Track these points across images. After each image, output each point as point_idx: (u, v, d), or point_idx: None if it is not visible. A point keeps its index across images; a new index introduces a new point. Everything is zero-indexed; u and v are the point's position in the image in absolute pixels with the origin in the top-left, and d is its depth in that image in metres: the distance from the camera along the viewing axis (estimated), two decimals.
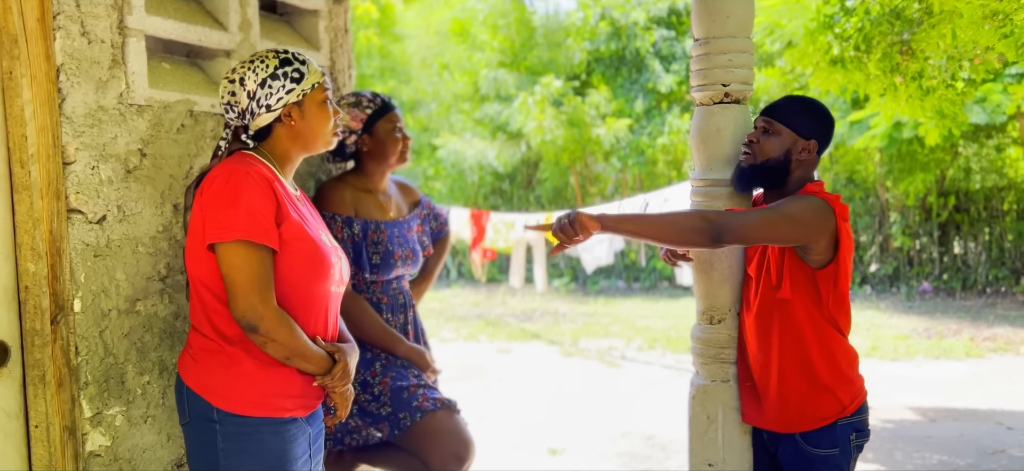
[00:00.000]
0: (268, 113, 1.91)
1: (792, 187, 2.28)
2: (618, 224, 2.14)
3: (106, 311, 2.03)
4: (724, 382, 2.45)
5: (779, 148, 2.25)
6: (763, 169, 2.27)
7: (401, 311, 2.84)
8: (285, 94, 1.91)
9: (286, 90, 1.91)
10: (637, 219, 2.17)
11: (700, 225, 2.10)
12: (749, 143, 2.29)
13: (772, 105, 2.31)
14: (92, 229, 2.00)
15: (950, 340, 8.27)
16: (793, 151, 2.25)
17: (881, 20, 4.73)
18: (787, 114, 2.26)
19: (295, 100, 1.93)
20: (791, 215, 2.13)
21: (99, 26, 2.01)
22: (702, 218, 2.12)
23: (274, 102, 1.91)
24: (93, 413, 2.00)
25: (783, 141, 2.25)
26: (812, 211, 2.14)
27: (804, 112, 2.27)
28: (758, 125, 2.31)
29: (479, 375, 7.35)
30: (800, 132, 2.25)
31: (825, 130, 2.29)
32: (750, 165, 2.29)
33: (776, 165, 2.25)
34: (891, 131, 9.18)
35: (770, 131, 2.26)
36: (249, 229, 1.79)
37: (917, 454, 4.80)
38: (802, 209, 2.14)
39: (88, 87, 1.98)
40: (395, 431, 2.68)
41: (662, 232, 2.16)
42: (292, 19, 2.86)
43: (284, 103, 1.91)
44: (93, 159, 2.00)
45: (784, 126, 2.25)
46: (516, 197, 14.74)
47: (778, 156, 2.25)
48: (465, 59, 14.68)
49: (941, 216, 11.51)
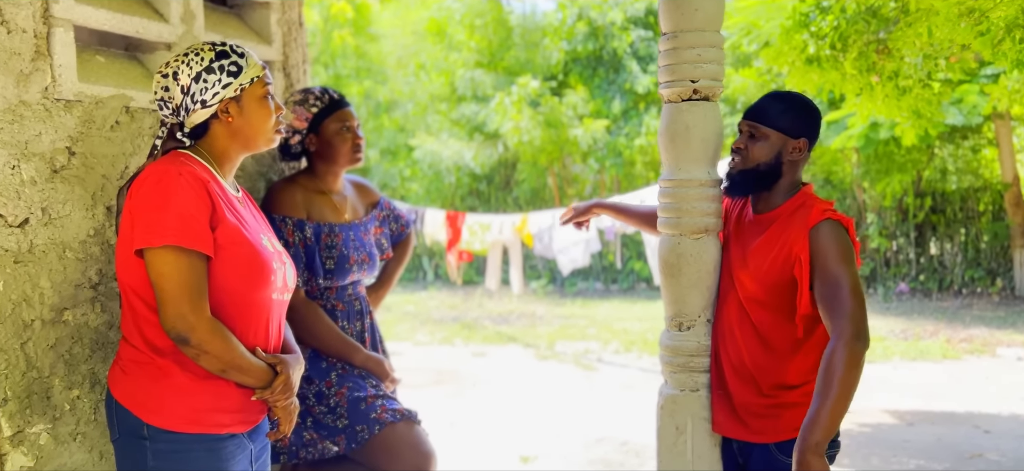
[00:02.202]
0: (204, 109, 1.78)
1: (783, 189, 2.18)
2: (826, 431, 1.92)
3: (28, 321, 1.89)
4: (693, 392, 2.34)
5: (769, 152, 2.14)
6: (755, 174, 2.16)
7: (357, 318, 2.71)
8: (221, 89, 1.78)
9: (222, 85, 1.78)
10: (823, 411, 1.93)
11: (858, 355, 1.93)
12: (736, 149, 2.19)
13: (755, 107, 2.20)
14: (12, 233, 1.85)
15: (927, 341, 8.25)
16: (784, 153, 2.15)
17: (857, 18, 4.66)
18: (772, 115, 2.15)
19: (232, 95, 1.80)
20: (850, 259, 2.03)
21: (20, 15, 1.86)
22: (852, 348, 1.93)
23: (210, 97, 1.77)
24: (13, 432, 1.86)
25: (772, 144, 2.14)
26: (849, 248, 2.06)
27: (789, 110, 2.16)
28: (743, 130, 2.20)
29: (453, 380, 7.22)
30: (788, 132, 2.14)
31: (813, 125, 2.18)
32: (740, 171, 2.18)
33: (767, 169, 2.15)
34: (868, 131, 9.16)
35: (756, 136, 2.16)
36: (179, 234, 1.66)
37: (894, 458, 4.73)
38: (848, 251, 2.05)
39: (7, 80, 1.84)
40: (352, 444, 2.55)
41: (849, 391, 1.94)
42: (242, 12, 2.72)
43: (220, 98, 1.78)
44: (13, 158, 1.85)
45: (771, 128, 2.14)
46: (494, 198, 14.63)
47: (768, 160, 2.15)
48: (442, 59, 14.55)
49: (918, 217, 11.53)
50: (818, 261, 2.03)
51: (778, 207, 2.18)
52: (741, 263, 2.20)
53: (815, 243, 2.04)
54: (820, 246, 2.04)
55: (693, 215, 2.30)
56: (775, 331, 2.13)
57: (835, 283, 1.99)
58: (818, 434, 1.91)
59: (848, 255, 2.03)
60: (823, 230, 2.05)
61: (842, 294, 1.98)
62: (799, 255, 2.05)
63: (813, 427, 1.92)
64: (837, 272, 2.00)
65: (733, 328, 2.21)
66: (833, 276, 2.00)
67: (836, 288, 1.99)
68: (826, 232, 2.04)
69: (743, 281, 2.18)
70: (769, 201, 2.20)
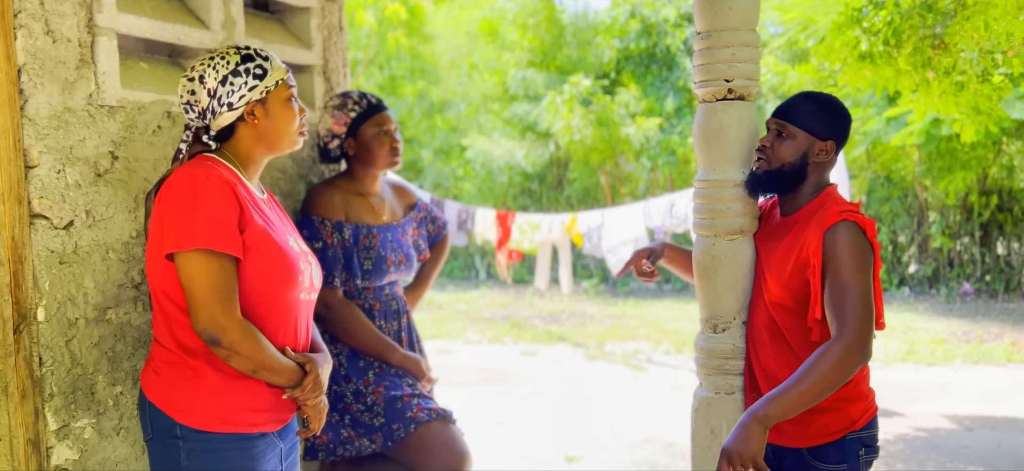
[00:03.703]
0: (230, 112, 1.83)
1: (808, 191, 2.14)
2: (780, 411, 1.90)
3: (73, 320, 1.96)
4: (729, 394, 2.31)
5: (794, 152, 2.11)
6: (779, 175, 2.13)
7: (394, 317, 2.74)
8: (247, 91, 1.82)
9: (248, 87, 1.82)
10: (788, 393, 1.91)
11: (850, 364, 1.90)
12: (762, 148, 2.16)
13: (784, 105, 2.17)
14: (58, 235, 1.93)
15: (990, 344, 7.97)
16: (809, 154, 2.11)
17: (912, 13, 4.53)
18: (801, 115, 2.11)
19: (258, 98, 1.84)
20: (864, 265, 1.97)
21: (65, 25, 1.93)
22: (847, 355, 1.89)
23: (236, 100, 1.82)
24: (59, 426, 1.93)
25: (798, 144, 2.11)
26: (865, 252, 1.99)
27: (819, 111, 2.12)
28: (771, 127, 2.17)
29: (502, 379, 7.25)
30: (816, 133, 2.10)
31: (842, 129, 2.14)
32: (764, 171, 2.15)
33: (792, 170, 2.12)
34: (929, 128, 8.88)
35: (784, 134, 2.12)
36: (209, 237, 1.70)
37: (951, 464, 4.59)
38: (863, 255, 1.98)
39: (53, 88, 1.91)
40: (388, 443, 2.58)
41: (822, 391, 1.92)
42: (282, 17, 2.78)
43: (247, 101, 1.83)
44: (58, 162, 1.92)
45: (799, 128, 2.11)
46: (546, 198, 14.62)
47: (793, 160, 2.11)
48: (494, 59, 14.59)
49: (983, 216, 11.14)
50: (830, 265, 1.98)
51: (802, 208, 2.14)
52: (767, 266, 2.17)
53: (829, 246, 1.99)
54: (833, 249, 1.99)
55: (728, 216, 2.27)
56: (800, 335, 2.10)
57: (844, 289, 1.94)
58: (772, 409, 1.89)
59: (862, 260, 1.97)
60: (838, 232, 1.99)
61: (850, 302, 1.93)
62: (812, 258, 2.01)
63: (771, 401, 1.90)
64: (848, 279, 1.95)
65: (763, 332, 2.18)
66: (843, 282, 1.95)
67: (844, 295, 1.94)
68: (841, 234, 1.99)
69: (769, 285, 2.15)
70: (794, 203, 2.17)
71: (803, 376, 1.90)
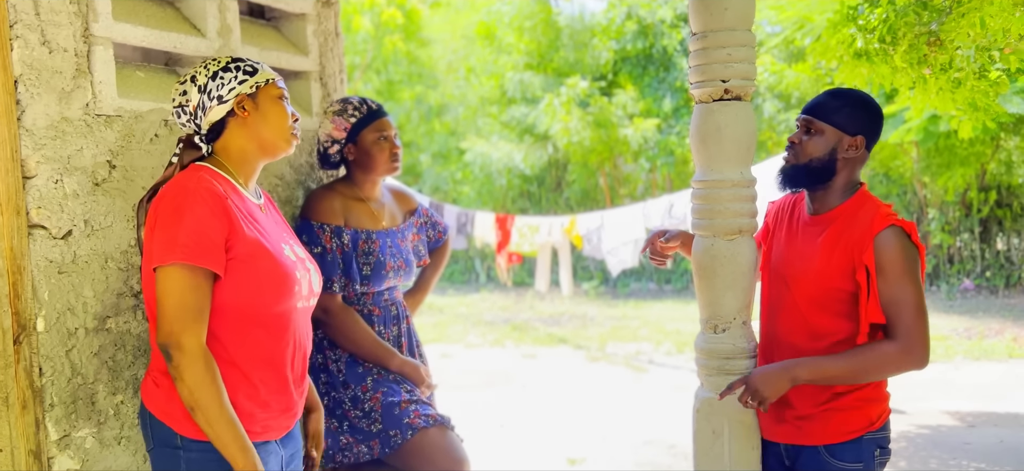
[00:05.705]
0: (220, 105, 1.83)
1: (839, 188, 2.15)
2: (811, 376, 2.07)
3: (73, 329, 1.96)
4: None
5: (823, 147, 2.12)
6: (807, 170, 2.15)
7: (394, 323, 2.74)
8: (237, 85, 1.84)
9: (238, 81, 1.85)
10: (827, 365, 2.06)
11: (899, 367, 2.01)
12: (791, 144, 2.18)
13: (813, 102, 2.18)
14: (56, 244, 1.93)
15: (992, 340, 7.98)
16: (838, 149, 2.12)
17: (907, 10, 4.53)
18: (829, 111, 2.13)
19: (248, 91, 1.85)
20: (915, 272, 2.03)
21: (61, 34, 1.93)
22: (903, 359, 2.00)
23: (226, 93, 1.83)
24: (60, 435, 1.93)
25: (827, 140, 2.12)
26: (915, 257, 2.04)
27: (848, 107, 2.13)
28: (799, 124, 2.19)
29: (503, 382, 7.25)
30: (845, 129, 2.11)
31: (873, 124, 2.15)
32: (793, 166, 2.17)
33: (821, 166, 2.13)
34: (927, 125, 8.88)
35: (812, 130, 2.14)
36: (188, 252, 1.69)
37: (953, 461, 4.59)
38: (914, 261, 2.04)
39: (50, 98, 1.91)
40: (386, 449, 2.58)
41: (858, 375, 2.06)
42: (278, 24, 2.78)
43: (236, 94, 1.84)
44: (56, 172, 1.92)
45: (827, 124, 2.12)
46: (545, 200, 14.63)
47: (822, 156, 2.12)
48: (491, 62, 14.60)
49: (982, 211, 11.15)
50: (883, 272, 2.01)
51: (836, 207, 2.15)
52: (798, 264, 2.17)
53: (881, 252, 2.02)
54: (887, 256, 2.01)
55: (726, 216, 2.27)
56: (834, 334, 2.11)
57: (900, 301, 2.00)
58: (804, 371, 2.06)
59: (913, 267, 2.02)
60: (889, 238, 2.02)
61: (907, 314, 2.00)
62: (865, 262, 2.02)
63: (808, 365, 2.06)
64: (902, 289, 2.00)
65: (789, 332, 2.18)
66: (898, 293, 2.00)
67: (901, 306, 2.00)
68: (892, 241, 2.02)
69: (801, 283, 2.15)
70: (825, 201, 2.17)
71: (849, 357, 2.03)
